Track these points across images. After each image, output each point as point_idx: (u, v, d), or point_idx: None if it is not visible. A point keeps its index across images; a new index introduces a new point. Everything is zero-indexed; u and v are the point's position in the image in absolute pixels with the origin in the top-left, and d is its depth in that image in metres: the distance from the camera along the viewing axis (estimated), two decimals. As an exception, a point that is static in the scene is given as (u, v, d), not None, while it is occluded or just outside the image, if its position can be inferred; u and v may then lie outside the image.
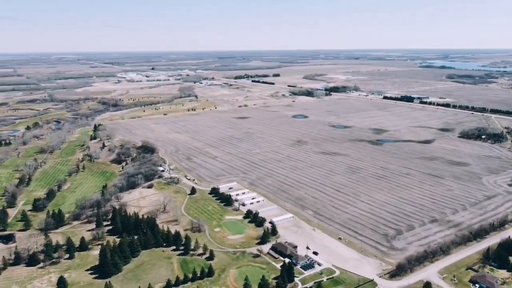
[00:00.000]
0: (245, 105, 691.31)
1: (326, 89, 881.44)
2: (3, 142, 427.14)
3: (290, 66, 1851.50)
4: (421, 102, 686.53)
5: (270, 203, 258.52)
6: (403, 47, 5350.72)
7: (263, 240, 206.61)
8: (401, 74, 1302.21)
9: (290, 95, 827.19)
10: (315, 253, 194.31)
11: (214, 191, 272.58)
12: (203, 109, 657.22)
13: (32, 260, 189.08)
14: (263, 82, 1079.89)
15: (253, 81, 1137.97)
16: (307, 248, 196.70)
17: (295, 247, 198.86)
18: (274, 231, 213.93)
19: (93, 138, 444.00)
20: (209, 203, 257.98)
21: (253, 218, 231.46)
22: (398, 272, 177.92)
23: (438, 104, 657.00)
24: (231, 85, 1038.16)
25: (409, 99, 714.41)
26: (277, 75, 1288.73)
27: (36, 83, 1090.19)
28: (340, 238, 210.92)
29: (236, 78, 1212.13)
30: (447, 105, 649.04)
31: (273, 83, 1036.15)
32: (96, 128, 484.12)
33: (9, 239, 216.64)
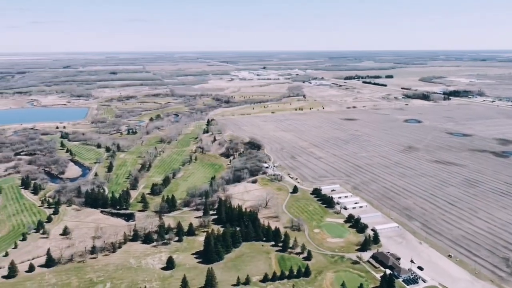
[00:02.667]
0: (354, 107, 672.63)
1: (444, 93, 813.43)
2: (130, 131, 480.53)
3: (404, 68, 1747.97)
4: None
5: (374, 209, 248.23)
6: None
7: (363, 247, 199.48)
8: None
9: (403, 98, 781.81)
10: (420, 268, 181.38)
11: (316, 192, 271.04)
12: (310, 109, 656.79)
13: (147, 239, 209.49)
14: (374, 84, 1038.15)
15: (363, 82, 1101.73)
16: (412, 261, 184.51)
17: (398, 258, 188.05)
18: (376, 239, 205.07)
19: (205, 131, 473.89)
20: (310, 203, 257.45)
21: (355, 223, 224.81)
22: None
23: None
24: (340, 85, 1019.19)
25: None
26: (390, 76, 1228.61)
27: (160, 79, 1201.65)
28: (450, 256, 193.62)
29: (346, 78, 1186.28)
30: None
31: (385, 85, 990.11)
32: (209, 122, 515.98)
33: (130, 217, 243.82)
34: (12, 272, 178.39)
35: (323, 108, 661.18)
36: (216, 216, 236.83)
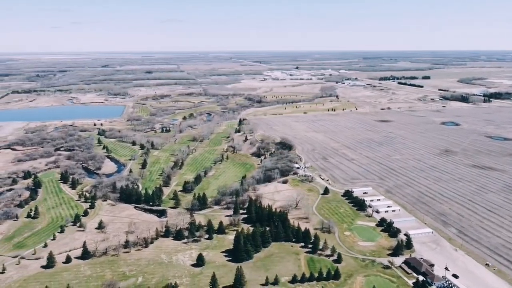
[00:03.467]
0: (388, 108, 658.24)
1: (485, 95, 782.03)
2: (164, 129, 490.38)
3: (443, 68, 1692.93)
4: None
5: (407, 214, 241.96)
6: None
7: (395, 252, 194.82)
8: None
9: (440, 99, 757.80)
10: (454, 276, 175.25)
11: (348, 194, 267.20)
12: (343, 109, 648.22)
13: (178, 235, 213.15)
14: (410, 85, 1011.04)
15: (399, 83, 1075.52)
16: (446, 269, 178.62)
17: (432, 265, 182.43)
18: (409, 245, 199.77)
19: (237, 131, 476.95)
20: (341, 205, 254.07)
21: (387, 227, 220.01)
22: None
23: None
24: (374, 86, 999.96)
25: None
26: (427, 77, 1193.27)
27: (194, 78, 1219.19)
28: (487, 264, 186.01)
29: (380, 79, 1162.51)
30: None
31: (421, 86, 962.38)
32: (240, 122, 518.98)
33: (162, 213, 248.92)
34: (51, 262, 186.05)
35: (356, 109, 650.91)
36: (246, 215, 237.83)
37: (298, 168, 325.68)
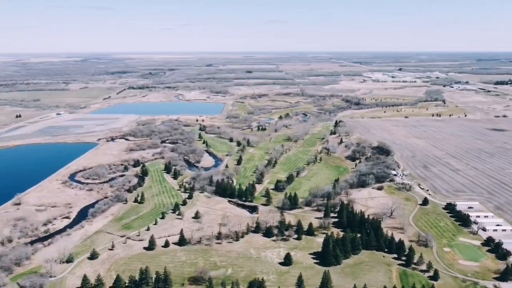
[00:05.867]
0: (504, 116, 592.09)
1: None
2: (260, 127, 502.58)
3: None
4: None
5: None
6: None
7: (503, 276, 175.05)
8: None
9: None
10: None
11: (450, 207, 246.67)
12: (450, 115, 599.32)
13: (268, 232, 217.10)
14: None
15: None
16: None
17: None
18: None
19: (332, 133, 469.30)
20: (441, 219, 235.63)
21: (495, 247, 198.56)
22: None
23: None
24: (488, 91, 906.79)
25: None
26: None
27: (292, 78, 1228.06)
28: None
29: (496, 83, 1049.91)
30: None
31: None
32: (336, 124, 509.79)
33: (253, 210, 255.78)
34: (152, 245, 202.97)
35: (465, 116, 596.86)
36: (336, 219, 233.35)
37: (395, 175, 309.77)
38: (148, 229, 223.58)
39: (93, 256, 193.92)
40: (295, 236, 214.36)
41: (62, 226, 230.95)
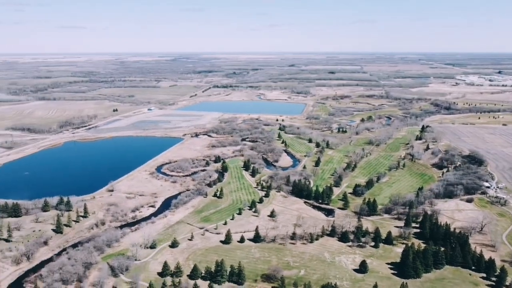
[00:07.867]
0: None
1: None
2: (340, 130, 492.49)
3: None
4: None
5: None
6: None
7: None
8: None
9: None
10: None
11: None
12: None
13: (343, 237, 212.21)
14: None
15: None
16: None
17: None
18: None
19: (418, 138, 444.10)
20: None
21: None
22: None
23: None
24: None
25: None
26: None
27: (376, 80, 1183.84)
28: None
29: None
30: None
31: None
32: (423, 129, 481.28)
33: (330, 213, 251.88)
34: (228, 239, 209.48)
35: None
36: (418, 230, 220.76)
37: (488, 187, 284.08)
38: (225, 223, 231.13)
39: (174, 244, 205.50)
40: (372, 243, 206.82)
41: (148, 214, 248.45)
